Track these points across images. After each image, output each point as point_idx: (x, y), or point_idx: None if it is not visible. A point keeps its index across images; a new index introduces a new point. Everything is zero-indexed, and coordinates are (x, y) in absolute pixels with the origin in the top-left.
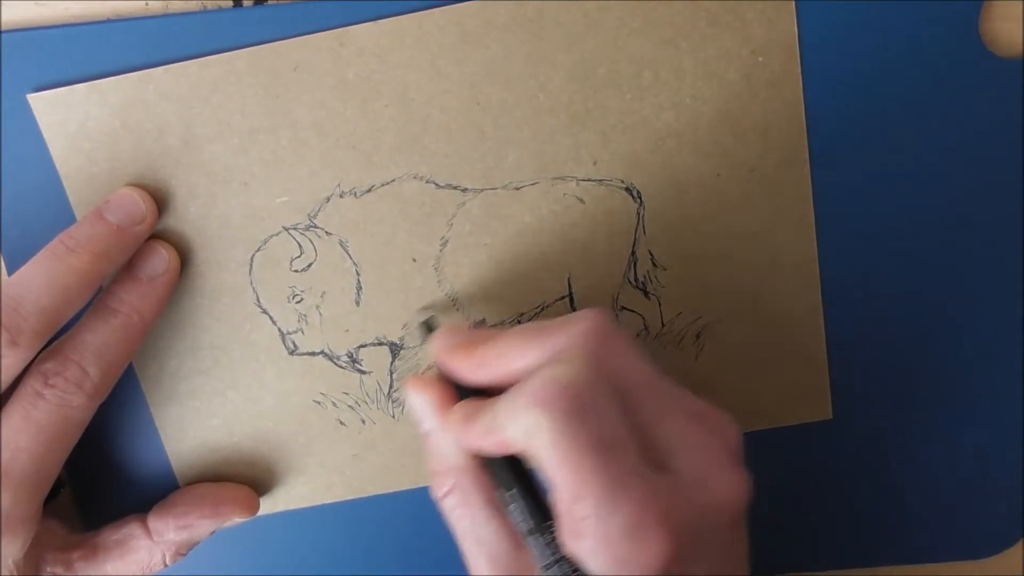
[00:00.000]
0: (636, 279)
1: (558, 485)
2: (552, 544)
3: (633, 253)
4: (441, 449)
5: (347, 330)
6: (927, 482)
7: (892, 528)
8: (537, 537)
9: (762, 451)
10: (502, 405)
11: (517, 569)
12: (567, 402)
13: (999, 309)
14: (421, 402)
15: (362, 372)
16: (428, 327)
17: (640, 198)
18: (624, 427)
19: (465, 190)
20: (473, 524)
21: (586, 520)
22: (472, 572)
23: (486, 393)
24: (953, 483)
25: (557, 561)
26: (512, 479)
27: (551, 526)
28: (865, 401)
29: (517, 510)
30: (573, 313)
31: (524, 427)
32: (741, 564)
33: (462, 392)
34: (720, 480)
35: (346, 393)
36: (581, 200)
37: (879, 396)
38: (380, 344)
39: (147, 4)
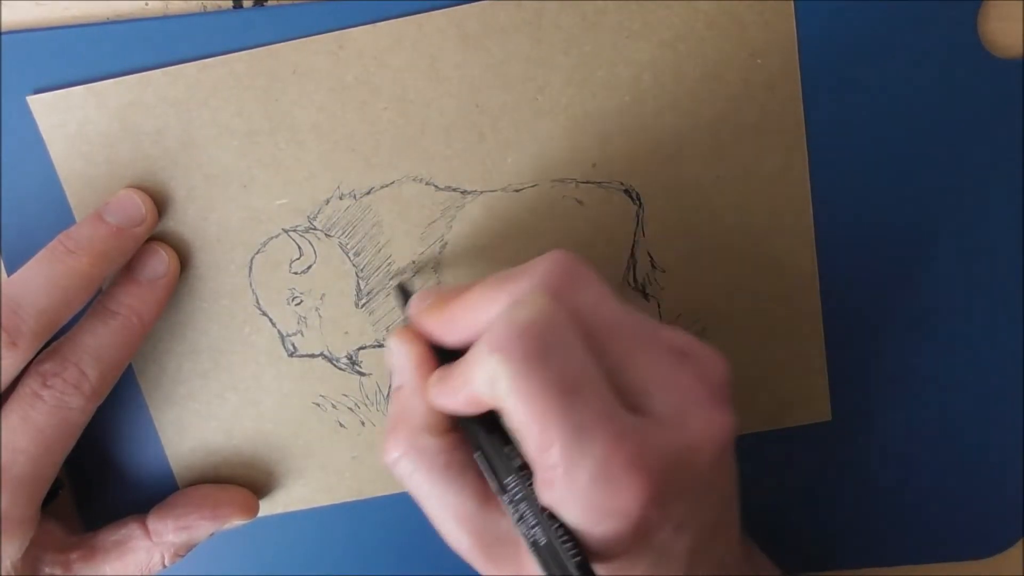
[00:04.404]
0: (635, 281)
1: (524, 435)
2: (525, 500)
3: (632, 255)
4: (409, 408)
5: (347, 332)
6: (927, 482)
7: (892, 528)
8: (508, 494)
9: (761, 453)
10: (469, 355)
11: (488, 526)
12: (525, 344)
13: (999, 309)
14: (403, 355)
15: (362, 374)
16: (403, 291)
17: (639, 200)
18: (591, 368)
19: (465, 192)
20: (433, 487)
21: (555, 469)
22: (441, 532)
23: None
24: (953, 483)
25: (528, 515)
26: (484, 436)
27: (525, 480)
28: (864, 402)
29: (486, 469)
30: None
31: (486, 376)
32: (730, 506)
33: (442, 359)
34: (697, 418)
35: (346, 395)
36: (580, 202)
37: (878, 397)
38: (380, 346)
39: (147, 4)
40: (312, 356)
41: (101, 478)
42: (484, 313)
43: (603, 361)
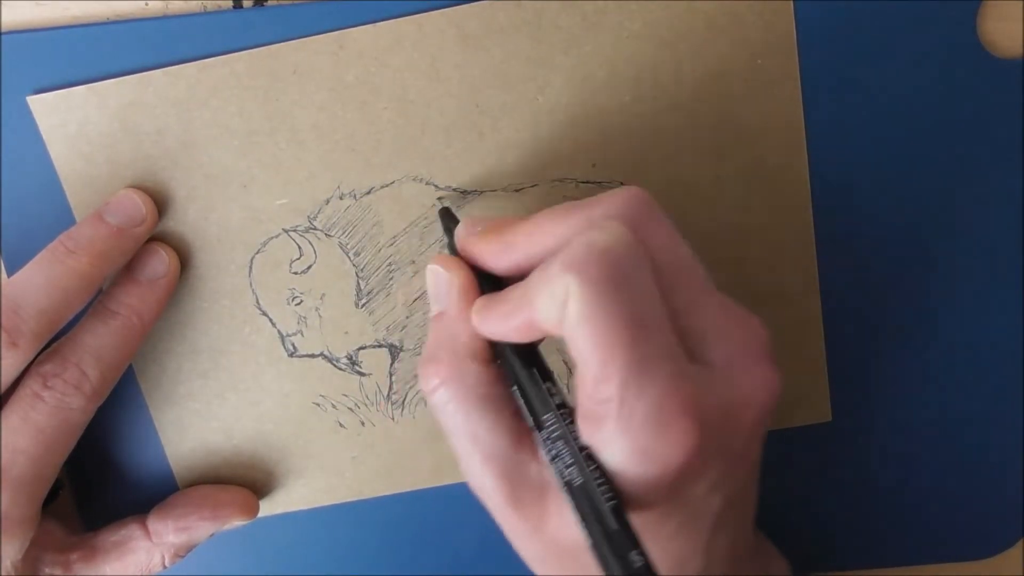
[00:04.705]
0: None
1: (583, 363)
2: (563, 438)
3: None
4: (453, 333)
5: (347, 332)
6: (927, 482)
7: (892, 529)
8: (545, 430)
9: (762, 453)
10: (533, 277)
11: (516, 468)
12: (604, 268)
13: (998, 310)
14: (445, 280)
15: (362, 374)
16: (448, 215)
17: None
18: (659, 305)
19: (465, 192)
20: (467, 420)
21: (608, 403)
22: (466, 471)
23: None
24: (953, 483)
25: (564, 454)
26: (523, 370)
27: (564, 417)
28: (864, 402)
29: (525, 401)
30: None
31: (555, 296)
32: (752, 486)
33: (484, 288)
34: (750, 374)
35: (346, 395)
36: None
37: (879, 397)
38: (380, 346)
39: (147, 4)
40: (312, 356)
41: (101, 478)
42: (549, 238)
43: (668, 302)
